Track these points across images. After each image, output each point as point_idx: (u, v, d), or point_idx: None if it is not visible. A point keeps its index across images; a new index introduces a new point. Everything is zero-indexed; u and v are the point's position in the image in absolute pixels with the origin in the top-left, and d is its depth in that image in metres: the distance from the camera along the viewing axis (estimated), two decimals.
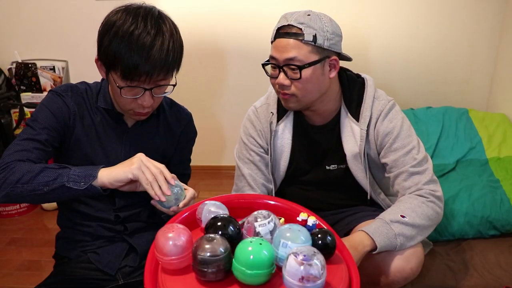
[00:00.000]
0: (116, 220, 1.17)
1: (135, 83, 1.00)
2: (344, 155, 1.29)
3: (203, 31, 2.50)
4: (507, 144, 2.12)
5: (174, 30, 1.02)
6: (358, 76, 1.32)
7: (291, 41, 1.13)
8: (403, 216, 1.13)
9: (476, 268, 1.53)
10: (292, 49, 1.13)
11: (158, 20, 1.00)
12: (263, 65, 1.23)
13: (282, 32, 1.15)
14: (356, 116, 1.26)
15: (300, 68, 1.13)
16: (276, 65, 1.17)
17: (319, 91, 1.20)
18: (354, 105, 1.27)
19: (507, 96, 2.39)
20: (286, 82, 1.17)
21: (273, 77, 1.20)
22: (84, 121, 1.12)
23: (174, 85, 1.08)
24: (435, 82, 2.56)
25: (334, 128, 1.30)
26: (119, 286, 1.15)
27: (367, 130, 1.25)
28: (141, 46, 0.96)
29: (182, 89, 2.62)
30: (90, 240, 1.17)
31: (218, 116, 2.73)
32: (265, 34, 2.58)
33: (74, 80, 2.58)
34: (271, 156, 1.33)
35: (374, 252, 1.10)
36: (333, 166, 1.33)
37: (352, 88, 1.29)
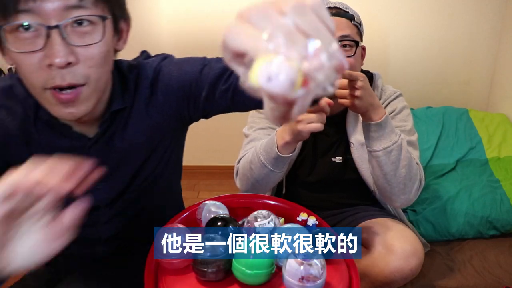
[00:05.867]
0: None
1: (26, 17, 0.60)
2: (349, 147, 1.29)
3: (203, 31, 2.49)
4: (507, 144, 2.12)
5: None
6: (362, 70, 1.34)
7: (343, 20, 1.17)
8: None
9: (476, 268, 1.53)
10: (346, 27, 1.17)
11: None
12: None
13: (332, 12, 1.17)
14: None
15: (357, 43, 1.17)
16: None
17: None
18: None
19: (507, 96, 2.39)
20: None
21: None
22: (32, 147, 0.77)
23: (102, 17, 0.66)
24: (435, 82, 2.55)
25: (341, 119, 1.30)
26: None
27: None
28: None
29: None
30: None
31: (218, 116, 2.72)
32: None
33: None
34: None
35: (374, 122, 1.07)
36: (338, 158, 1.32)
37: None
